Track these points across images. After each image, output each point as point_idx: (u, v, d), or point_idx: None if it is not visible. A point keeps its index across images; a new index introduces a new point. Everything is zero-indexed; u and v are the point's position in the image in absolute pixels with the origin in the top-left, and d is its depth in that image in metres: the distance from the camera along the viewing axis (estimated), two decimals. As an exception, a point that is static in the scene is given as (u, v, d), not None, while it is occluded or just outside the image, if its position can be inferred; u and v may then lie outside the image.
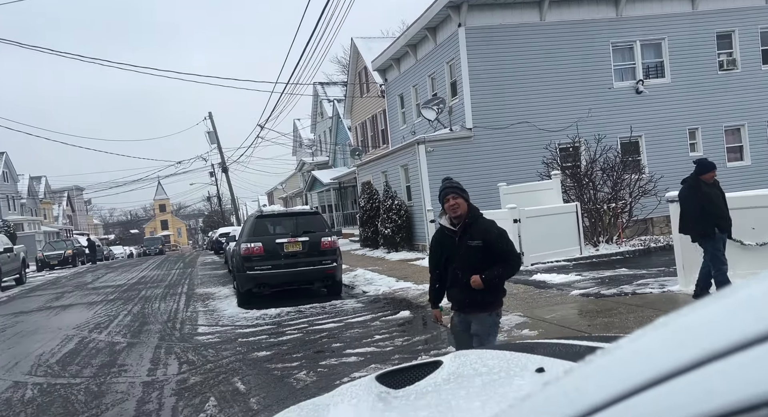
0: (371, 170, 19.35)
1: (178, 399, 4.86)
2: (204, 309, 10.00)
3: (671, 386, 0.36)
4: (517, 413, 0.46)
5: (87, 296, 13.70)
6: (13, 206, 43.05)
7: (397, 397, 1.27)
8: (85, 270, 25.90)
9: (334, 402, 1.37)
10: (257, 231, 9.85)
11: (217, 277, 16.09)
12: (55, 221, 57.43)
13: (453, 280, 3.53)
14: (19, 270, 19.70)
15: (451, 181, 3.60)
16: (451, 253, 3.51)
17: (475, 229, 3.45)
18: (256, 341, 6.93)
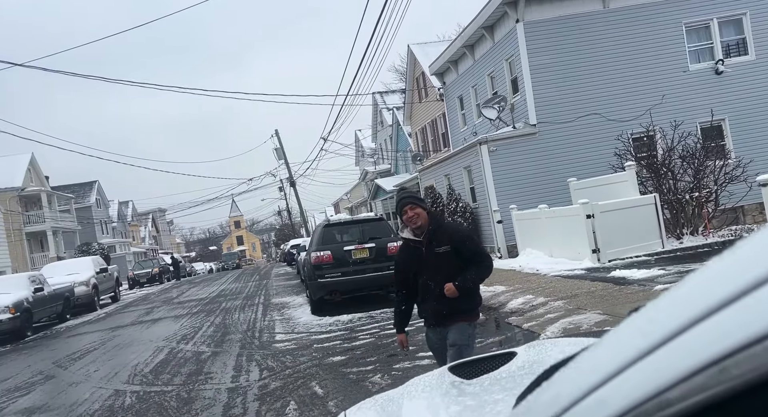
0: (433, 174, 19.28)
1: (260, 403, 5.04)
2: (280, 317, 10.34)
3: (731, 311, 0.35)
4: (600, 346, 0.45)
5: (173, 310, 14.58)
6: (105, 230, 46.79)
7: (471, 385, 1.25)
8: (171, 286, 27.60)
9: (407, 391, 1.36)
10: (326, 240, 10.08)
11: (291, 287, 16.60)
12: (142, 242, 61.75)
13: (425, 293, 3.29)
14: (113, 288, 21.36)
15: (406, 192, 3.57)
16: (420, 265, 3.29)
17: (441, 235, 3.28)
18: (331, 347, 7.07)
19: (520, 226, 12.88)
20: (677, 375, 0.37)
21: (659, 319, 0.41)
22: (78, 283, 17.57)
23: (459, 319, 3.26)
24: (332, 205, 61.76)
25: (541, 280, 9.44)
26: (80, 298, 17.42)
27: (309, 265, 10.11)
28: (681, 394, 0.37)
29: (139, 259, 42.02)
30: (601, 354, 0.49)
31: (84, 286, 17.86)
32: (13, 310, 12.71)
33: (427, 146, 25.31)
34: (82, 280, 17.96)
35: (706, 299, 0.38)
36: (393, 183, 27.95)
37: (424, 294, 3.29)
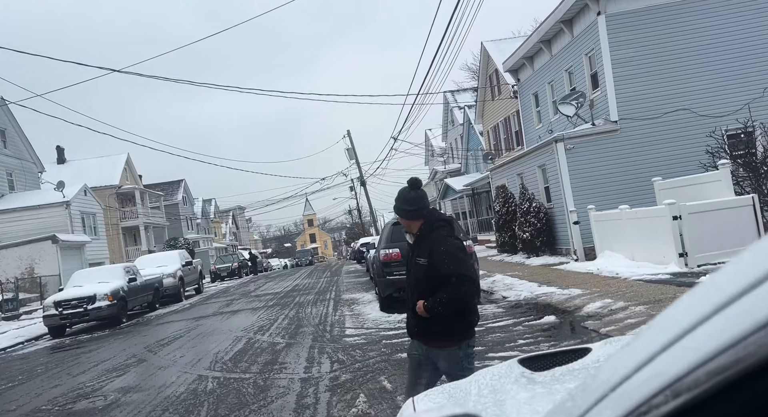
0: (505, 173, 18.84)
1: (331, 394, 5.18)
2: (350, 313, 10.55)
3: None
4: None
5: (251, 303, 15.30)
6: (190, 226, 49.96)
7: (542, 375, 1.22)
8: (249, 280, 28.97)
9: (475, 380, 1.36)
10: (394, 237, 10.15)
11: (360, 284, 16.88)
12: (223, 238, 65.30)
13: (408, 300, 3.07)
14: (197, 281, 22.77)
15: (398, 200, 3.04)
16: (408, 271, 3.10)
17: (423, 245, 2.93)
18: (399, 343, 7.11)
19: (598, 227, 12.29)
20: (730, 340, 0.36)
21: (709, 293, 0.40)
22: (166, 275, 18.90)
23: (441, 342, 2.91)
24: (402, 205, 61.82)
25: (621, 283, 8.95)
26: (168, 289, 18.73)
27: (378, 262, 10.23)
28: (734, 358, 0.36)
29: (220, 254, 44.50)
30: (656, 328, 0.48)
31: (171, 277, 19.19)
32: (111, 298, 13.90)
33: (499, 145, 24.78)
34: (170, 272, 19.30)
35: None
36: (463, 182, 27.63)
37: (408, 301, 3.07)
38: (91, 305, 13.65)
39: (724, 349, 0.37)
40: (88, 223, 28.62)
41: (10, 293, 19.70)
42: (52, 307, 13.66)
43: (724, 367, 0.36)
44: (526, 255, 15.90)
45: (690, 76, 13.34)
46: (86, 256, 26.05)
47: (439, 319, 2.82)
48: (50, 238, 23.31)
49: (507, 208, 17.04)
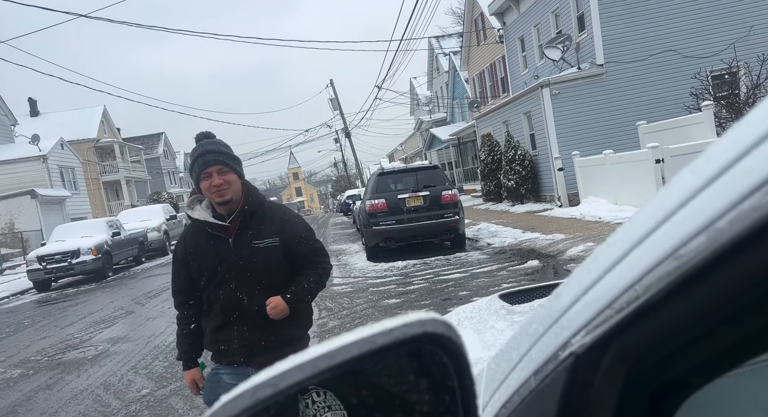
0: (491, 121, 18.68)
1: (319, 340, 5.27)
2: (337, 263, 10.65)
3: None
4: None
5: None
6: (173, 180, 49.29)
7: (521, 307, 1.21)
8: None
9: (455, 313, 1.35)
10: (380, 188, 10.12)
11: (347, 235, 16.99)
12: (207, 192, 64.57)
13: (228, 313, 2.06)
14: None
15: (209, 143, 2.08)
16: (223, 266, 2.05)
17: (263, 221, 2.09)
18: (386, 290, 7.23)
19: (582, 173, 12.37)
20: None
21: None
22: (150, 229, 18.78)
23: (287, 353, 1.91)
24: (387, 157, 61.79)
25: (604, 227, 9.10)
26: (153, 243, 18.66)
27: (364, 213, 10.24)
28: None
29: (205, 208, 44.05)
30: (624, 228, 0.44)
31: (156, 231, 19.08)
32: (95, 252, 13.82)
33: (485, 92, 24.43)
34: (154, 226, 19.17)
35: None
36: (449, 132, 27.40)
37: (228, 314, 2.05)
38: (76, 259, 13.58)
39: (696, 233, 0.33)
40: (67, 178, 28.05)
41: (-8, 250, 19.50)
42: (35, 261, 13.56)
43: (693, 255, 0.33)
44: (511, 203, 16.04)
45: (676, 15, 13.07)
46: (67, 211, 25.68)
47: (300, 316, 2.10)
48: (29, 193, 22.85)
49: (492, 156, 17.01)
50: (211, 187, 1.98)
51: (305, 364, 0.38)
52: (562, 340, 0.44)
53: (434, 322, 0.40)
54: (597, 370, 0.41)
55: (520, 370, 0.51)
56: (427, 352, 0.42)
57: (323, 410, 0.50)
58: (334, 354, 0.39)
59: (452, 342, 0.40)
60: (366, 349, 0.39)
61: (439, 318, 0.40)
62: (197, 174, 2.00)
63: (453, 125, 29.46)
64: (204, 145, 2.05)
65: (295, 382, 0.38)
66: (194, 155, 2.03)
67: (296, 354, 0.42)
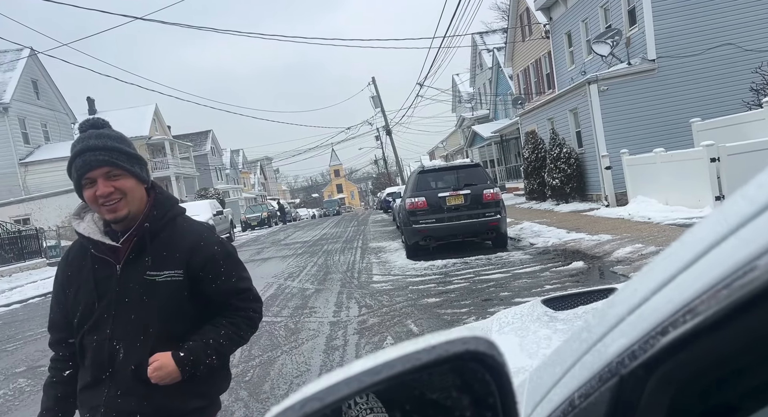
0: (535, 118, 18.30)
1: (359, 337, 5.33)
2: (377, 261, 10.71)
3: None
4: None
5: (281, 251, 15.67)
6: (220, 176, 50.79)
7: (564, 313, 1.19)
8: (278, 229, 29.58)
9: (497, 318, 1.34)
10: (420, 186, 10.10)
11: (387, 233, 17.04)
12: (252, 188, 66.37)
13: (99, 367, 1.48)
14: (228, 230, 23.37)
15: (95, 135, 1.45)
16: (102, 300, 1.48)
17: (169, 245, 1.51)
18: (426, 289, 7.22)
19: (631, 171, 11.94)
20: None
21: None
22: (198, 224, 19.41)
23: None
24: (427, 154, 61.52)
25: (653, 228, 8.77)
26: (200, 238, 19.28)
27: (404, 211, 10.24)
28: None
29: (249, 204, 45.37)
30: (681, 244, 0.43)
31: (203, 226, 19.72)
32: (146, 246, 14.41)
33: (530, 89, 23.93)
34: (202, 221, 19.80)
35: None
36: (491, 129, 27.00)
37: (99, 370, 1.48)
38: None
39: (750, 260, 0.32)
40: (121, 175, 29.34)
41: (53, 240, 20.70)
42: (92, 254, 14.28)
43: (748, 282, 0.32)
44: (555, 202, 15.67)
45: (735, 7, 12.41)
46: (122, 207, 26.87)
47: (200, 382, 1.50)
48: (87, 190, 24.04)
49: (536, 154, 16.66)
50: (96, 197, 1.40)
51: (351, 379, 0.39)
52: (607, 359, 0.44)
53: (477, 341, 0.40)
54: (642, 392, 0.41)
55: (563, 386, 0.51)
56: (470, 368, 0.42)
57: (365, 411, 0.51)
58: (379, 370, 0.39)
59: (494, 361, 0.40)
60: (409, 365, 0.39)
61: (482, 336, 0.41)
62: (76, 179, 1.41)
63: (495, 122, 29.01)
64: (86, 139, 1.42)
65: (342, 396, 0.39)
66: (72, 152, 1.41)
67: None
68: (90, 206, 1.48)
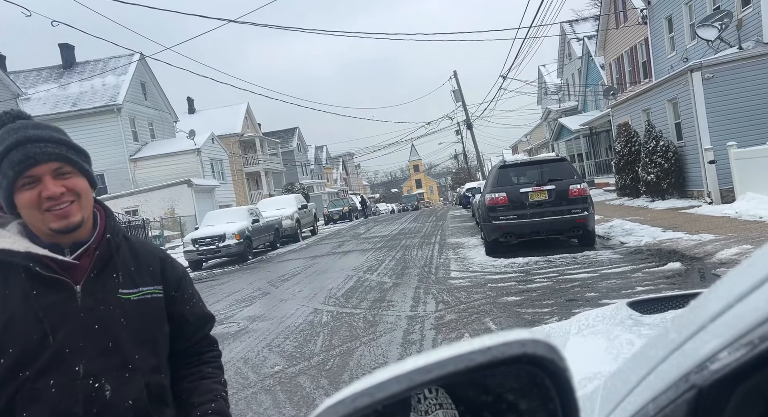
0: (629, 110, 17.16)
1: (436, 332, 5.32)
2: (455, 256, 10.62)
3: None
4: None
5: (361, 245, 16.01)
6: (305, 172, 52.76)
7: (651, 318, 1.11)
8: (359, 223, 30.21)
9: (577, 319, 1.28)
10: (501, 181, 9.86)
11: (466, 229, 16.82)
12: (334, 183, 68.28)
13: (54, 409, 1.12)
14: (312, 223, 24.25)
15: (32, 125, 1.17)
16: (59, 332, 1.14)
17: (131, 259, 1.29)
18: (505, 287, 7.05)
19: (739, 166, 10.85)
20: None
21: None
22: (285, 217, 20.34)
23: None
24: (510, 148, 59.84)
25: (765, 228, 7.93)
26: (287, 230, 20.20)
27: (483, 206, 10.05)
28: None
29: (332, 199, 46.73)
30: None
31: (289, 219, 20.62)
32: (237, 237, 15.34)
33: (623, 78, 22.47)
34: (288, 214, 20.73)
35: None
36: (579, 121, 25.69)
37: (53, 413, 1.12)
38: (222, 243, 15.20)
39: None
40: (216, 169, 31.43)
41: (157, 230, 22.64)
42: (190, 243, 15.44)
43: None
44: (650, 198, 14.64)
45: None
46: (216, 199, 28.82)
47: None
48: (186, 182, 26.05)
49: (629, 147, 15.63)
50: (40, 200, 1.12)
51: (402, 377, 0.39)
52: (684, 370, 0.41)
53: (535, 343, 0.39)
54: (723, 408, 0.38)
55: (638, 395, 0.48)
56: (528, 372, 0.41)
57: (434, 407, 0.52)
58: (430, 369, 0.39)
59: (555, 365, 0.39)
60: (462, 366, 0.39)
61: (542, 339, 0.39)
62: (11, 178, 1.12)
63: (585, 114, 27.56)
64: (20, 129, 1.14)
65: (391, 393, 0.39)
66: (3, 145, 1.13)
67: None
68: (24, 213, 1.15)
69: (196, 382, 1.32)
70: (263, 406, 3.96)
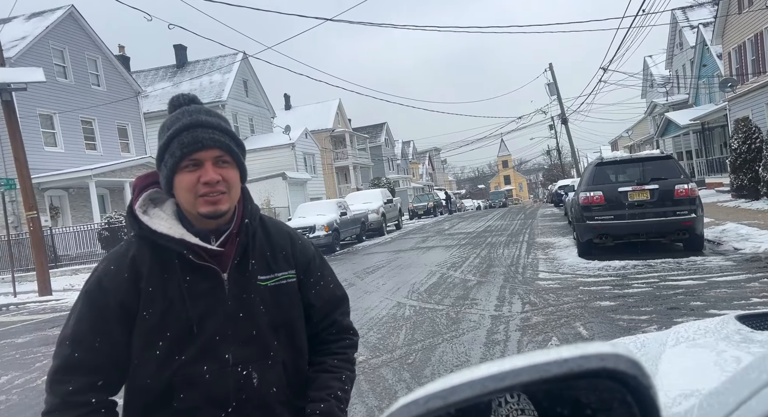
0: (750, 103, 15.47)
1: (522, 334, 5.18)
2: (544, 257, 10.23)
3: None
4: None
5: (445, 240, 15.92)
6: (391, 167, 53.37)
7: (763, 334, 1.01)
8: (443, 219, 30.05)
9: (675, 331, 1.19)
10: (597, 179, 9.33)
11: (557, 228, 16.12)
12: (420, 178, 68.38)
13: (218, 403, 1.18)
14: (397, 217, 24.51)
15: (203, 111, 1.22)
16: (208, 321, 1.19)
17: (269, 243, 1.30)
18: (599, 291, 6.69)
19: None
20: None
21: None
22: (371, 211, 20.75)
23: None
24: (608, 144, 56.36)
25: None
26: (372, 224, 20.59)
27: (577, 205, 9.58)
28: None
29: (417, 194, 46.86)
30: None
31: (375, 213, 21.00)
32: (327, 229, 15.91)
33: (744, 69, 20.26)
34: (374, 208, 21.12)
35: None
36: (690, 116, 23.57)
37: (218, 406, 1.19)
38: (312, 234, 15.83)
39: None
40: (308, 163, 32.77)
41: (254, 221, 23.99)
42: (283, 233, 16.26)
43: None
44: (772, 202, 13.13)
45: None
46: (308, 192, 30.07)
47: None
48: (280, 175, 27.45)
49: (749, 144, 14.13)
50: (199, 185, 1.15)
51: (475, 383, 0.39)
52: None
53: (617, 358, 0.37)
54: None
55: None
56: (608, 387, 0.39)
57: (516, 412, 0.51)
58: (504, 376, 0.38)
59: (637, 382, 0.37)
60: (537, 376, 0.38)
61: (624, 353, 0.38)
62: (177, 158, 1.15)
63: (696, 108, 25.23)
64: (193, 112, 1.19)
65: (464, 398, 0.39)
66: (176, 125, 1.16)
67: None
68: (180, 194, 1.18)
69: (316, 375, 1.30)
70: (346, 393, 4.10)
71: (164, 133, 1.18)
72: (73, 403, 1.10)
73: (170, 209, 1.22)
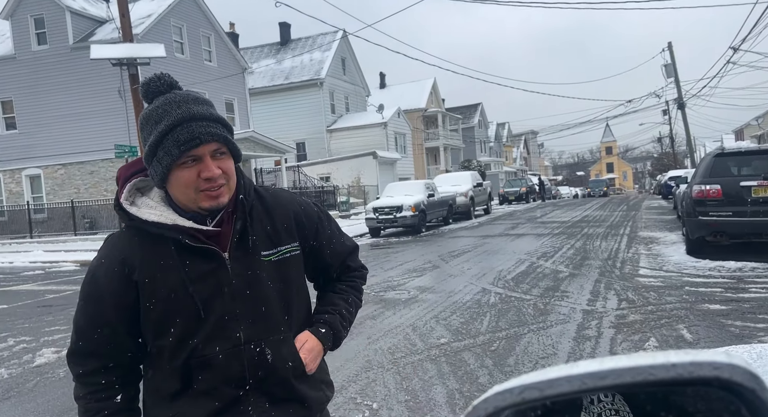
0: None
1: (616, 332, 4.88)
2: (646, 252, 9.53)
3: None
4: None
5: (536, 228, 15.36)
6: (483, 149, 52.14)
7: None
8: (535, 206, 28.99)
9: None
10: (715, 171, 8.44)
11: (664, 222, 14.92)
12: (513, 162, 66.23)
13: (237, 383, 1.18)
14: (486, 202, 24.01)
15: (193, 100, 1.14)
16: (214, 301, 1.17)
17: (264, 217, 1.26)
18: (708, 293, 6.11)
19: None
20: None
21: None
22: (459, 194, 20.50)
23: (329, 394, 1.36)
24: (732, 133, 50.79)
25: None
26: (460, 207, 20.35)
27: (689, 199, 8.75)
28: None
29: (509, 178, 45.47)
30: None
31: (463, 196, 20.71)
32: (413, 209, 15.97)
33: None
34: (462, 191, 20.83)
35: None
36: (836, 102, 20.46)
37: (236, 386, 1.18)
38: (399, 214, 15.98)
39: None
40: (399, 143, 32.94)
41: (344, 197, 24.77)
42: (371, 211, 16.58)
43: None
44: None
45: None
46: (397, 171, 30.31)
47: (323, 369, 1.36)
48: (371, 154, 27.89)
49: None
50: (199, 181, 1.13)
51: (574, 378, 0.39)
52: None
53: (732, 369, 0.35)
54: None
55: None
56: (719, 397, 0.37)
57: (610, 412, 0.50)
58: (605, 375, 0.38)
59: (755, 396, 0.34)
60: (640, 378, 0.37)
61: (741, 365, 0.34)
62: (175, 156, 1.11)
63: None
64: (183, 102, 1.13)
65: (561, 392, 0.39)
66: (168, 120, 1.11)
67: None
68: (177, 190, 1.15)
69: (323, 293, 1.40)
70: (428, 374, 4.11)
71: (151, 126, 1.13)
72: (86, 382, 1.19)
73: (158, 196, 1.20)
